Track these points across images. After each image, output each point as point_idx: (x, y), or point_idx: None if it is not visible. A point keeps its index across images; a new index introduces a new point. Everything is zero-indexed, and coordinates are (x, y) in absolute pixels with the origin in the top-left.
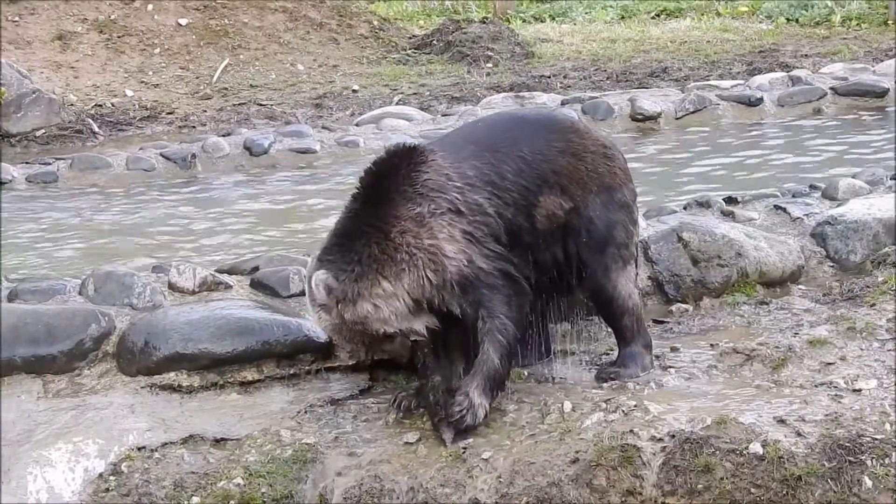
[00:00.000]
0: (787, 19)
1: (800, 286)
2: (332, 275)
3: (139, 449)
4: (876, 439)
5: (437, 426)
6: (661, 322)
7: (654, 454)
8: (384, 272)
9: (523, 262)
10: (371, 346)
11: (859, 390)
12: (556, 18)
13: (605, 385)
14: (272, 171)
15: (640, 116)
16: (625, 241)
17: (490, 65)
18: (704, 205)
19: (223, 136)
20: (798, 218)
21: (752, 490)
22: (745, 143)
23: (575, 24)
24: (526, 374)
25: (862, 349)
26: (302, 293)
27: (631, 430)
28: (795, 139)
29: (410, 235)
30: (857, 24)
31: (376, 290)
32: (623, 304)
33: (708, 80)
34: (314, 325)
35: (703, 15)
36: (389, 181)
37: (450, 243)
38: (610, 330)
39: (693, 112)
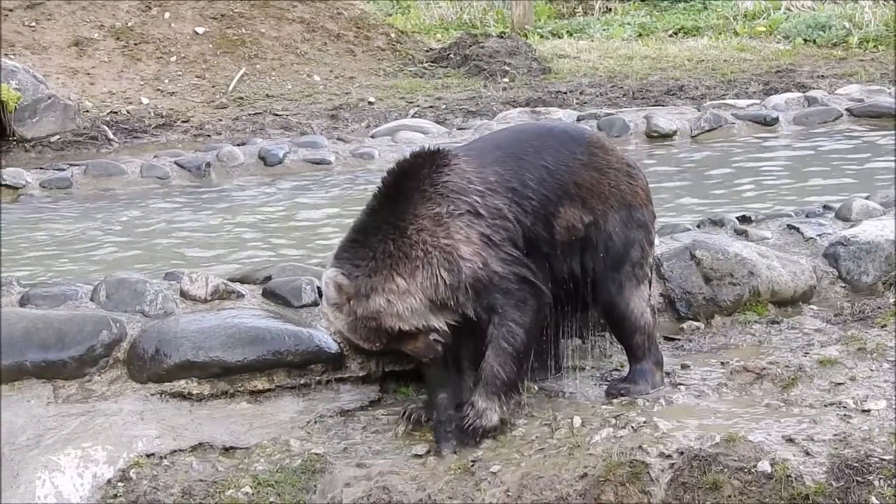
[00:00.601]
0: (805, 40)
1: (811, 306)
2: (342, 272)
3: (148, 456)
4: (884, 460)
5: (438, 441)
6: (672, 339)
7: (663, 471)
8: (398, 268)
9: (541, 271)
10: (389, 343)
11: (868, 411)
12: (574, 34)
13: (614, 401)
14: (286, 181)
15: (655, 134)
16: (640, 261)
17: (507, 79)
18: (718, 223)
19: (238, 145)
20: (811, 238)
21: None
22: (759, 162)
23: (592, 40)
24: (536, 388)
25: (872, 370)
26: (314, 303)
27: (640, 447)
28: (810, 159)
29: (427, 234)
30: (875, 47)
31: (390, 286)
32: (635, 321)
33: (724, 98)
34: (326, 336)
35: (720, 34)
36: (411, 181)
37: (466, 244)
38: (621, 346)
39: (708, 130)
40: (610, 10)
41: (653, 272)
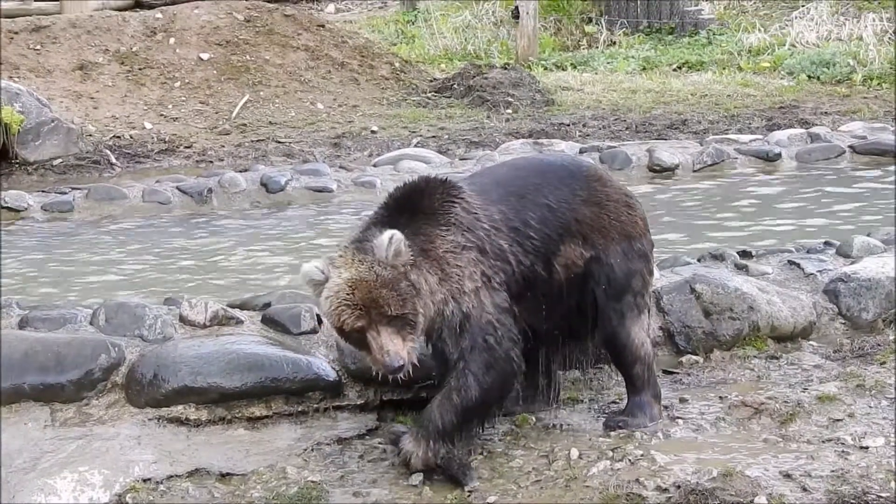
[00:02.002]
0: (809, 76)
1: (811, 342)
2: (405, 241)
3: (144, 481)
4: (881, 497)
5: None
6: (671, 373)
7: None
8: (431, 269)
9: (535, 311)
10: (382, 324)
11: (866, 447)
12: (578, 67)
13: (612, 433)
14: (288, 209)
15: (657, 167)
16: (641, 290)
17: (510, 111)
18: (718, 257)
19: (240, 171)
20: (811, 274)
21: None
22: (761, 197)
23: (596, 73)
24: (534, 420)
25: (870, 407)
26: (313, 331)
27: (637, 480)
28: (812, 195)
29: (451, 255)
30: (878, 84)
31: (432, 273)
32: (636, 351)
33: (727, 133)
34: (324, 363)
35: (724, 69)
36: (423, 201)
37: (470, 280)
38: (620, 378)
39: (711, 165)
40: (614, 43)
41: (652, 303)
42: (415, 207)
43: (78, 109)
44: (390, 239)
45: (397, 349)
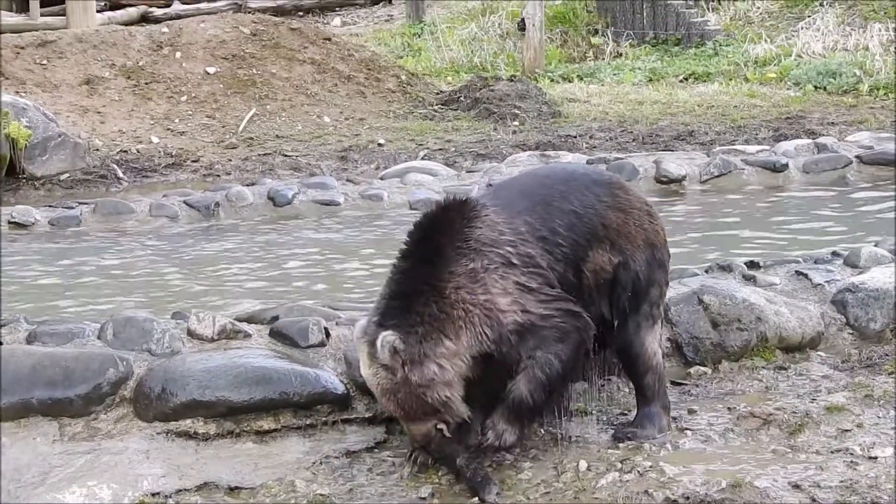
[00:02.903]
0: (815, 87)
1: (819, 352)
2: (399, 337)
3: (153, 495)
4: None
5: (477, 489)
6: (680, 384)
7: None
8: (445, 331)
9: None
10: (425, 416)
11: (875, 458)
12: (585, 79)
13: (621, 445)
14: (295, 222)
15: (664, 179)
16: (657, 301)
17: (516, 123)
18: (726, 268)
19: (247, 185)
20: (819, 284)
21: None
22: (768, 208)
23: (603, 85)
24: (542, 431)
25: (879, 417)
26: (321, 344)
27: (646, 491)
28: (819, 206)
29: (465, 291)
30: (885, 94)
31: (440, 350)
32: (648, 361)
33: (734, 144)
34: (332, 376)
35: (731, 80)
36: (443, 237)
37: (503, 296)
38: (629, 388)
39: (718, 176)
40: (621, 54)
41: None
42: (435, 240)
43: (85, 124)
44: (382, 345)
45: (423, 434)
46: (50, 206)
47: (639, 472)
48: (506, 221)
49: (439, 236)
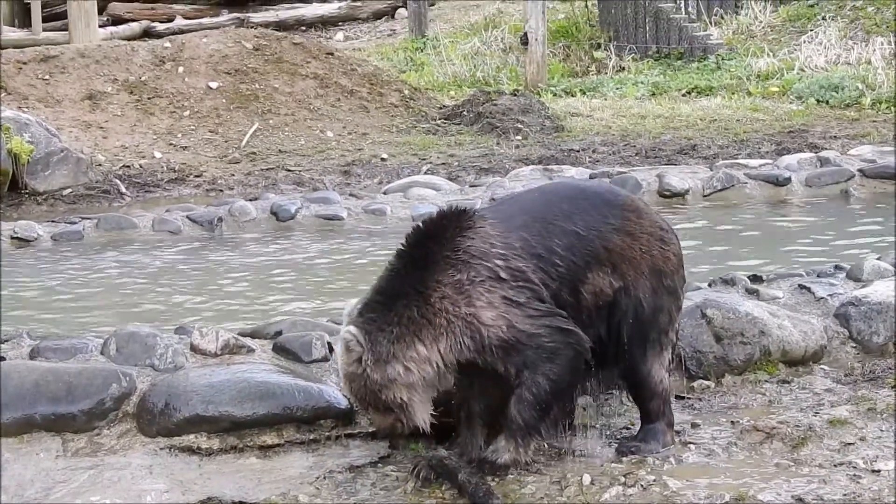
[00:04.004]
0: (818, 101)
1: (822, 366)
2: (365, 332)
3: None
4: None
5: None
6: (683, 398)
7: None
8: (420, 335)
9: None
10: (376, 411)
11: (878, 471)
12: (587, 93)
13: (624, 459)
14: (298, 237)
15: (667, 193)
16: (667, 327)
17: (519, 137)
18: (729, 282)
19: (250, 200)
20: (822, 298)
21: None
22: (771, 222)
23: (605, 99)
24: (546, 446)
25: (882, 430)
26: (324, 359)
27: None
28: (822, 219)
29: (449, 302)
30: (887, 108)
31: (411, 353)
32: (654, 388)
33: (737, 158)
34: (335, 391)
35: (733, 94)
36: (435, 244)
37: (488, 310)
38: (632, 404)
39: (721, 190)
40: (623, 69)
41: (678, 337)
42: (427, 246)
43: (87, 139)
44: (345, 335)
45: (383, 427)
46: (52, 221)
47: (642, 486)
48: (500, 235)
49: (431, 243)
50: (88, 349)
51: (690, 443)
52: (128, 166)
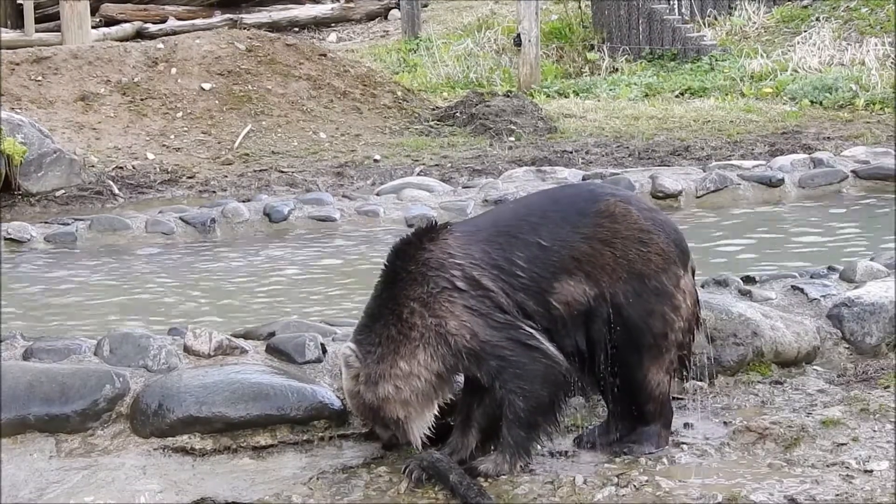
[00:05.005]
0: (811, 102)
1: (815, 367)
2: (356, 355)
3: None
4: None
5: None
6: (676, 399)
7: None
8: (399, 352)
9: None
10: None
11: (871, 471)
12: (580, 94)
13: (617, 460)
14: (291, 238)
15: (660, 194)
16: (663, 332)
17: (512, 138)
18: (722, 283)
19: (243, 201)
20: (815, 299)
21: None
22: (764, 223)
23: (599, 100)
24: (538, 447)
25: (874, 431)
26: (318, 360)
27: None
28: (815, 221)
29: (417, 316)
30: (881, 109)
31: (395, 371)
32: (650, 393)
33: (730, 159)
34: (329, 392)
35: (727, 95)
36: (401, 260)
37: (452, 319)
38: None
39: (714, 191)
40: (616, 70)
41: (693, 332)
42: (396, 263)
43: (80, 140)
44: (340, 356)
45: (385, 438)
46: (45, 222)
47: (635, 486)
48: (461, 246)
49: (399, 260)
50: (82, 350)
51: (683, 443)
52: (121, 167)
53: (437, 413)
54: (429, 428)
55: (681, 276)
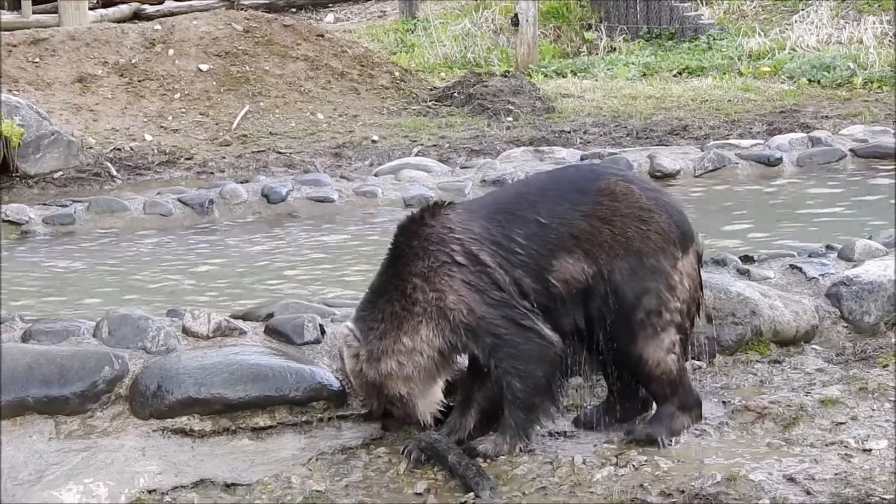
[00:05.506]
0: (809, 80)
1: (813, 346)
2: (356, 333)
3: (150, 492)
4: (885, 499)
5: (472, 488)
6: None
7: None
8: (402, 328)
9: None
10: (387, 404)
11: (870, 450)
12: (578, 74)
13: (616, 439)
14: (289, 219)
15: (658, 173)
16: (656, 309)
17: (510, 118)
18: (720, 262)
19: (241, 182)
20: (813, 278)
21: None
22: (762, 202)
23: (596, 80)
24: (538, 428)
25: (873, 410)
26: (316, 341)
27: (641, 485)
28: (813, 200)
29: (420, 291)
30: (879, 87)
31: (398, 347)
32: (649, 372)
33: (728, 138)
34: (328, 373)
35: (725, 74)
36: (405, 237)
37: (451, 293)
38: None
39: (712, 170)
40: (614, 49)
41: (692, 316)
42: (400, 239)
43: (78, 122)
44: (342, 333)
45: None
46: (44, 204)
47: (634, 466)
48: (462, 222)
49: (403, 237)
50: (80, 332)
51: None
52: (118, 149)
53: (442, 396)
54: (439, 410)
55: (679, 257)
